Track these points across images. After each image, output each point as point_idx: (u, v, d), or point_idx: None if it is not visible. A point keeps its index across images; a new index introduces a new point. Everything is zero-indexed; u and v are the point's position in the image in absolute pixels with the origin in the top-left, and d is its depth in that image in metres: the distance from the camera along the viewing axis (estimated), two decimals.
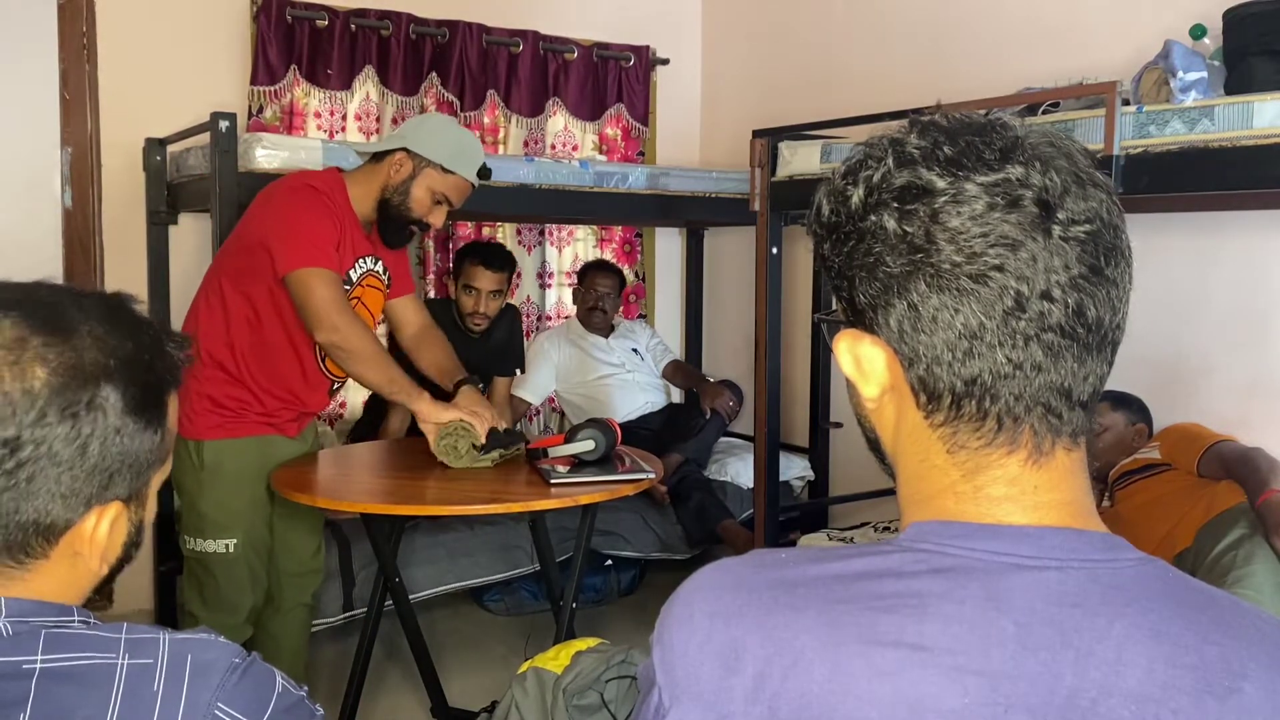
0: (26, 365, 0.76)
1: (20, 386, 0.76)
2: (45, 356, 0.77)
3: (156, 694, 0.74)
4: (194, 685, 0.75)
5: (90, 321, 0.81)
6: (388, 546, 2.58)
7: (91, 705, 0.73)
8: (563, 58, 4.17)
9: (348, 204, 2.37)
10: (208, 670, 0.76)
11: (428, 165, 2.35)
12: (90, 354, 0.79)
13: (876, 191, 0.66)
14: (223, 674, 0.77)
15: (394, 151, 2.36)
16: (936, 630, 0.61)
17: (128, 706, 0.73)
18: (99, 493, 0.80)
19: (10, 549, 0.78)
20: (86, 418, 0.78)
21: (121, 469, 0.81)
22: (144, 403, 0.82)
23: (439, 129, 2.42)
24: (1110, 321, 0.66)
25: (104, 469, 0.80)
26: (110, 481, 0.81)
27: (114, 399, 0.79)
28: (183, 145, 3.23)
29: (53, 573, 0.80)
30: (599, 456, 2.38)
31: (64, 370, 0.77)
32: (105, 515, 0.82)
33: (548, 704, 1.85)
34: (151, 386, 0.83)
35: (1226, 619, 0.64)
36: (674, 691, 0.67)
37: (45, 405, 0.76)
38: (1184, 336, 2.73)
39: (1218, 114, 2.03)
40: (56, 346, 0.78)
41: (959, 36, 3.35)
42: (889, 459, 0.73)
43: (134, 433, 0.81)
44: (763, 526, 3.09)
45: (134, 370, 0.81)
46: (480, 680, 2.93)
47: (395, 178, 2.36)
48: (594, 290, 4.01)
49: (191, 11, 3.54)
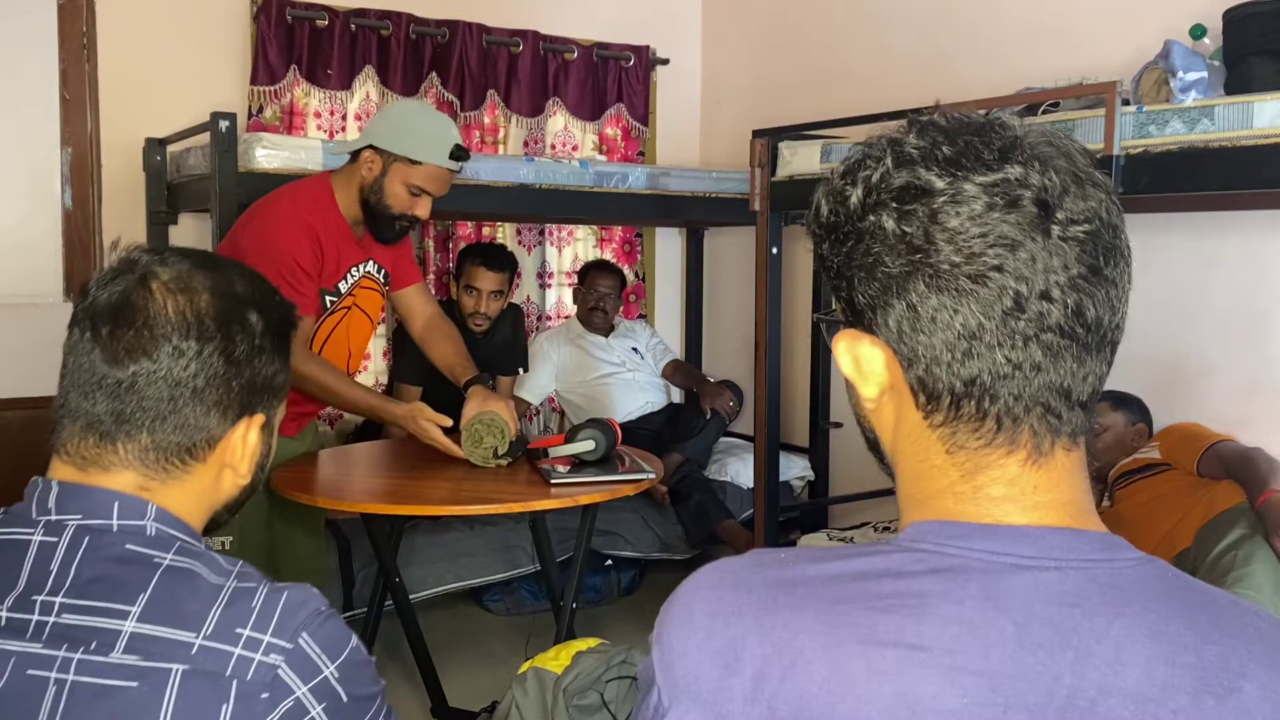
0: (196, 292, 0.94)
1: (192, 309, 0.94)
2: (209, 285, 0.95)
3: (253, 609, 0.86)
4: (286, 611, 0.87)
5: (235, 266, 1.01)
6: (388, 546, 2.58)
7: (199, 602, 0.86)
8: (563, 58, 4.17)
9: (335, 213, 2.34)
10: (300, 606, 0.88)
11: (395, 160, 2.29)
12: (239, 285, 0.98)
13: (875, 192, 0.66)
14: (311, 613, 0.88)
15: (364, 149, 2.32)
16: (935, 630, 0.61)
17: (228, 611, 0.86)
18: (250, 403, 0.98)
19: (180, 451, 0.94)
20: (241, 334, 0.96)
21: (262, 387, 0.99)
22: (278, 328, 1.01)
23: (401, 119, 2.35)
24: (1109, 321, 0.66)
25: (252, 382, 0.98)
26: (256, 396, 0.99)
27: (258, 321, 0.98)
28: (183, 145, 3.23)
29: (203, 478, 0.97)
30: (599, 456, 2.38)
31: (222, 297, 0.96)
32: (253, 424, 0.99)
33: (548, 704, 1.85)
34: (281, 317, 1.02)
35: (1226, 619, 0.64)
36: (673, 691, 0.67)
37: (211, 322, 0.94)
38: (1184, 336, 2.72)
39: (1218, 114, 2.03)
40: (215, 278, 0.96)
41: (959, 36, 3.35)
42: (888, 459, 0.73)
43: (271, 354, 0.99)
44: (763, 526, 3.09)
45: (269, 302, 1.01)
46: (480, 680, 2.92)
47: (368, 177, 2.32)
48: (595, 290, 4.01)
49: (191, 11, 3.54)
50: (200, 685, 0.82)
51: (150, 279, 0.94)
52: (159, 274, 0.94)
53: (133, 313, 0.92)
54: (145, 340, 0.92)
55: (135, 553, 0.89)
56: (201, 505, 0.98)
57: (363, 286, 2.45)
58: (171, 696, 0.81)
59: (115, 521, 0.90)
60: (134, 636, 0.83)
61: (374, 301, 2.51)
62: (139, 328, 0.92)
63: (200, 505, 0.98)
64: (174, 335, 0.92)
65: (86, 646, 0.83)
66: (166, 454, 0.94)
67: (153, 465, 0.94)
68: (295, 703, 0.85)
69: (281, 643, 0.85)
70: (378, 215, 2.35)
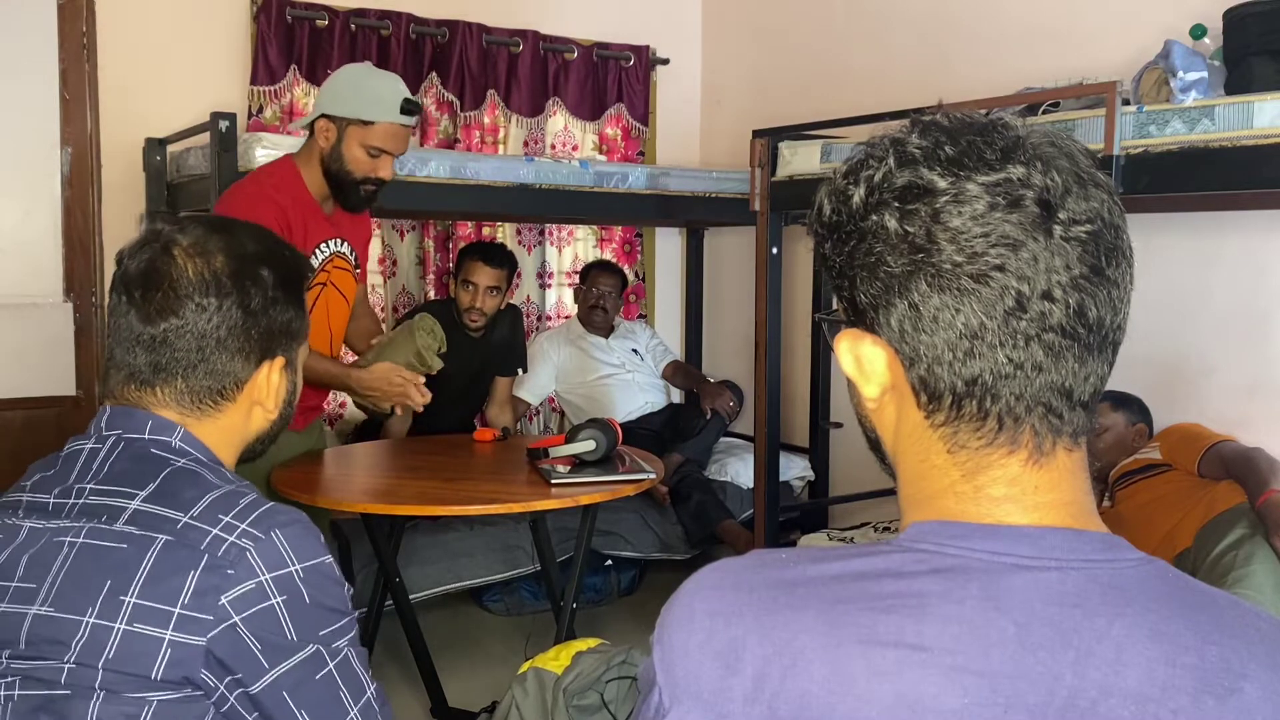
0: (212, 255, 1.07)
1: (210, 269, 1.07)
2: (223, 247, 1.08)
3: (239, 505, 0.99)
4: (268, 514, 0.99)
5: (245, 227, 1.14)
6: (388, 546, 2.58)
7: (195, 492, 1.00)
8: (563, 58, 4.17)
9: (302, 189, 2.36)
10: (283, 514, 1.01)
11: (349, 123, 2.32)
12: (250, 245, 1.11)
13: (878, 191, 0.66)
14: (291, 520, 1.00)
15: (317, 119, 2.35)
16: (936, 630, 0.61)
17: (218, 501, 0.99)
18: (269, 348, 1.12)
19: (212, 393, 1.09)
20: (255, 289, 1.09)
21: (279, 332, 1.12)
22: (290, 280, 1.13)
23: (347, 82, 2.37)
24: (1111, 322, 0.66)
25: (269, 329, 1.10)
26: (274, 341, 1.12)
27: (269, 275, 1.10)
28: (183, 145, 3.23)
29: (234, 414, 1.12)
30: (600, 457, 2.38)
31: (235, 257, 1.08)
32: (275, 366, 1.13)
33: (548, 704, 1.85)
34: (294, 271, 1.15)
35: (1226, 619, 0.64)
36: (674, 691, 0.67)
37: (227, 280, 1.07)
38: (1184, 336, 2.72)
39: (1218, 114, 2.03)
40: (228, 240, 1.09)
41: (959, 36, 3.35)
42: (889, 459, 0.73)
43: (285, 303, 1.12)
44: (763, 526, 3.09)
45: (279, 257, 1.13)
46: (480, 680, 2.92)
47: (325, 145, 2.34)
48: (595, 289, 4.01)
49: (191, 11, 3.54)
50: (177, 552, 0.96)
51: (172, 246, 1.07)
52: (179, 240, 1.07)
53: (159, 277, 1.06)
54: (172, 300, 1.05)
55: (156, 455, 1.04)
56: (234, 439, 1.13)
57: (336, 266, 2.45)
58: (151, 558, 0.95)
59: (148, 435, 1.06)
60: (136, 512, 0.98)
61: (348, 283, 2.51)
62: (165, 289, 1.05)
63: (233, 438, 1.13)
64: (196, 294, 1.06)
65: (99, 518, 0.99)
66: (200, 396, 1.08)
67: (188, 406, 1.08)
68: (257, 585, 0.95)
69: (255, 531, 0.97)
70: (342, 182, 2.37)
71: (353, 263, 2.51)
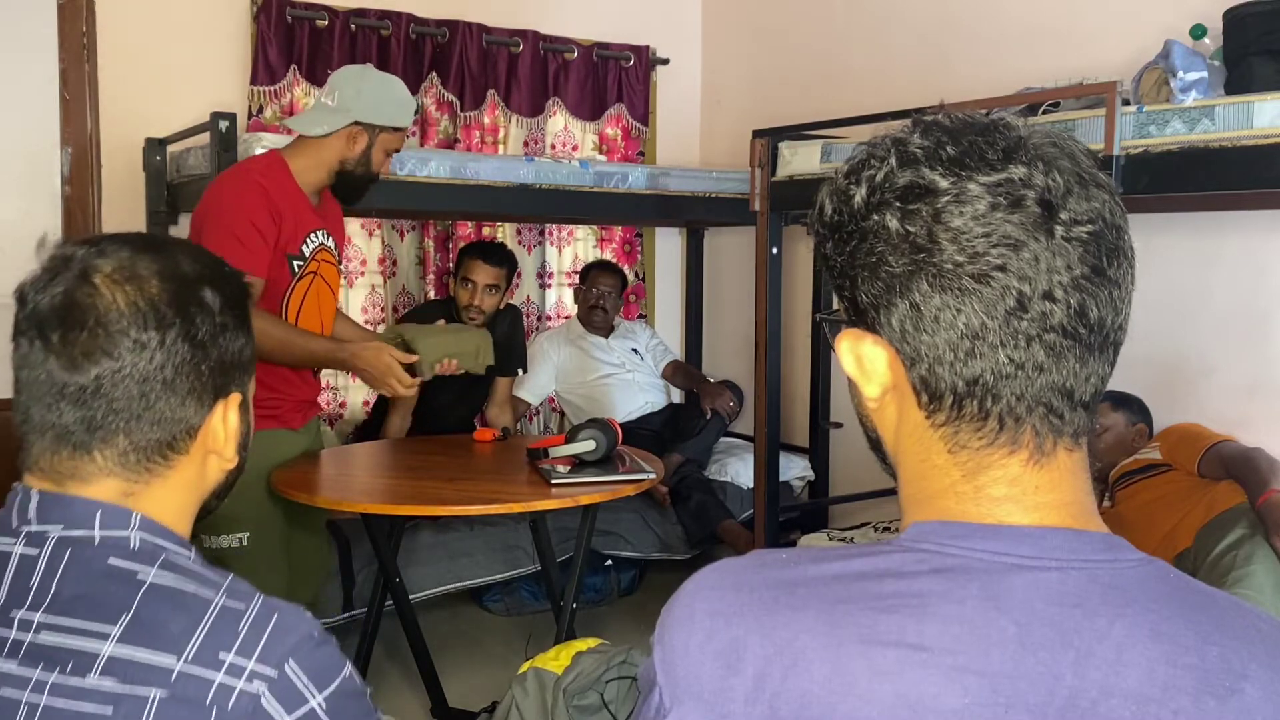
0: (144, 279, 0.89)
1: (143, 297, 0.88)
2: (156, 270, 0.90)
3: (240, 632, 0.82)
4: (274, 637, 0.83)
5: (179, 245, 0.96)
6: (388, 546, 2.58)
7: (183, 623, 0.82)
8: (563, 58, 4.17)
9: (289, 179, 2.38)
10: (290, 630, 0.84)
11: (380, 130, 2.39)
12: (186, 264, 0.92)
13: (879, 191, 0.66)
14: (301, 638, 0.84)
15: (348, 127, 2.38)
16: (937, 630, 0.61)
17: (213, 633, 0.82)
18: (223, 385, 0.94)
19: (161, 448, 0.90)
20: (200, 315, 0.91)
21: (231, 364, 0.94)
22: (237, 301, 0.96)
23: (378, 90, 2.42)
24: (1112, 322, 0.66)
25: (221, 362, 0.93)
26: (227, 375, 0.94)
27: (214, 298, 0.92)
28: (183, 145, 3.23)
29: (188, 468, 0.93)
30: (600, 457, 2.38)
31: (172, 279, 0.90)
32: (230, 406, 0.95)
33: (548, 704, 1.85)
34: (237, 290, 0.97)
35: (1227, 620, 0.64)
36: (674, 691, 0.67)
37: (167, 308, 0.89)
38: (1184, 336, 2.73)
39: (1218, 114, 2.03)
40: (160, 260, 0.91)
41: (959, 36, 3.35)
42: (890, 459, 0.73)
43: (235, 329, 0.95)
44: (763, 526, 3.09)
45: (221, 276, 0.95)
46: (480, 680, 2.92)
47: (354, 151, 2.39)
48: (595, 289, 4.01)
49: (191, 11, 3.54)
50: (178, 713, 0.78)
51: (91, 273, 0.88)
52: (100, 267, 0.88)
53: (82, 313, 0.86)
54: (102, 339, 0.86)
55: (118, 568, 0.84)
56: (191, 498, 0.95)
57: (323, 260, 2.48)
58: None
59: (97, 533, 0.86)
60: (112, 659, 0.80)
61: (334, 276, 2.55)
62: (92, 328, 0.86)
63: (189, 499, 0.95)
64: (131, 329, 0.87)
65: (63, 668, 0.80)
66: (148, 453, 0.90)
67: (134, 468, 0.89)
68: None
69: (266, 670, 0.81)
70: (360, 183, 2.45)
71: (337, 257, 2.55)
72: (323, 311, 2.50)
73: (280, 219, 2.30)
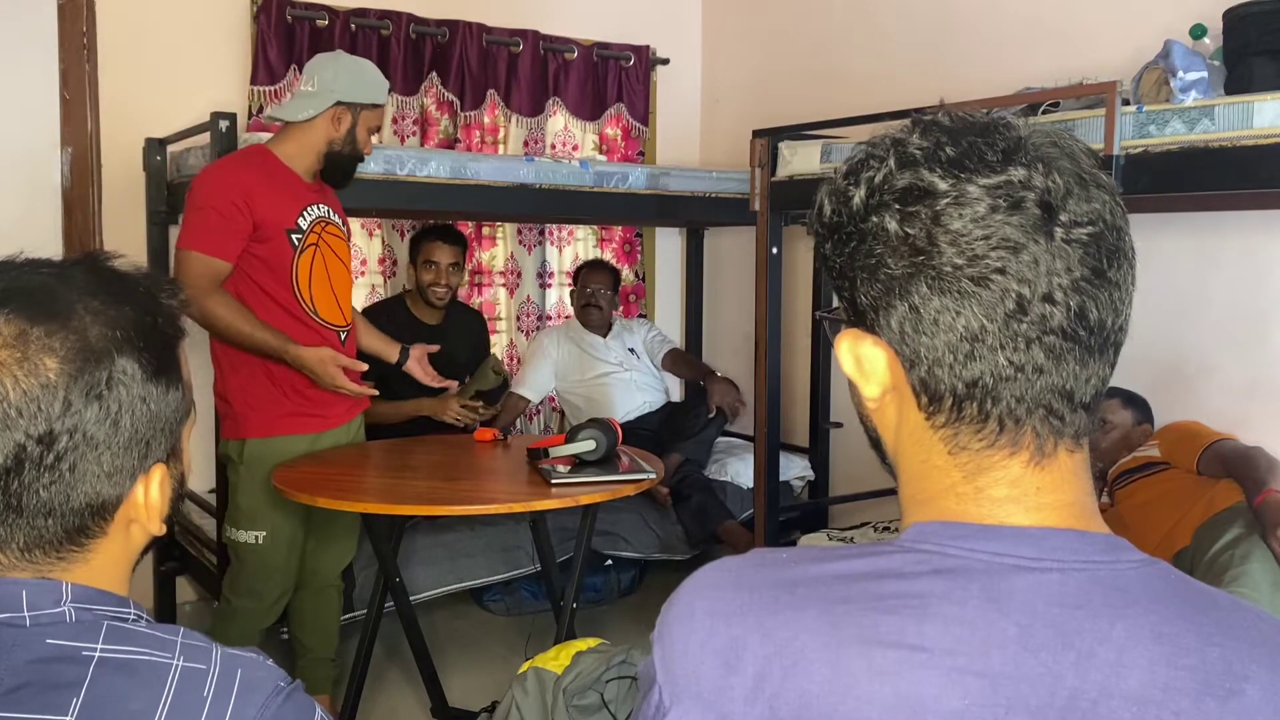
0: (35, 359, 0.74)
1: (37, 382, 0.74)
2: (51, 346, 0.75)
3: (205, 699, 0.75)
4: (241, 698, 0.76)
5: (84, 297, 0.79)
6: (388, 546, 2.58)
7: (143, 699, 0.74)
8: (563, 57, 4.17)
9: (277, 162, 2.46)
10: (256, 688, 0.77)
11: (361, 109, 2.50)
12: (94, 331, 0.77)
13: (878, 192, 0.66)
14: (269, 694, 0.77)
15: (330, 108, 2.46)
16: (937, 631, 0.61)
17: (178, 705, 0.74)
18: (140, 462, 0.81)
19: (71, 535, 0.79)
20: (110, 395, 0.77)
21: (155, 434, 0.81)
22: (160, 365, 0.81)
23: (354, 71, 2.52)
24: (1113, 324, 0.65)
25: (140, 439, 0.80)
26: (148, 449, 0.81)
27: (131, 369, 0.78)
28: (183, 145, 3.23)
29: (110, 546, 0.82)
30: (600, 456, 2.38)
31: (74, 355, 0.75)
32: (152, 480, 0.83)
33: (548, 704, 1.85)
34: (162, 346, 0.82)
35: (1228, 621, 0.64)
36: (674, 690, 0.67)
37: (67, 394, 0.75)
38: (1184, 336, 2.72)
39: (1218, 114, 2.03)
40: (59, 333, 0.76)
41: (959, 36, 3.35)
42: (890, 459, 0.73)
43: (158, 397, 0.81)
44: (763, 526, 3.09)
45: (141, 335, 0.80)
46: (480, 680, 2.93)
47: (339, 131, 2.48)
48: (588, 288, 4.02)
49: (191, 11, 3.53)
50: None
51: None
52: None
53: None
54: None
55: (59, 647, 0.74)
56: (119, 569, 0.84)
57: (330, 234, 2.53)
58: None
59: (27, 614, 0.75)
60: None
61: (343, 249, 2.60)
62: None
63: (118, 569, 0.84)
64: (28, 425, 0.74)
65: None
66: (55, 546, 0.79)
67: (43, 560, 0.79)
68: None
69: None
70: (347, 163, 2.53)
71: (344, 231, 2.61)
72: (335, 284, 2.55)
73: (270, 194, 2.38)
